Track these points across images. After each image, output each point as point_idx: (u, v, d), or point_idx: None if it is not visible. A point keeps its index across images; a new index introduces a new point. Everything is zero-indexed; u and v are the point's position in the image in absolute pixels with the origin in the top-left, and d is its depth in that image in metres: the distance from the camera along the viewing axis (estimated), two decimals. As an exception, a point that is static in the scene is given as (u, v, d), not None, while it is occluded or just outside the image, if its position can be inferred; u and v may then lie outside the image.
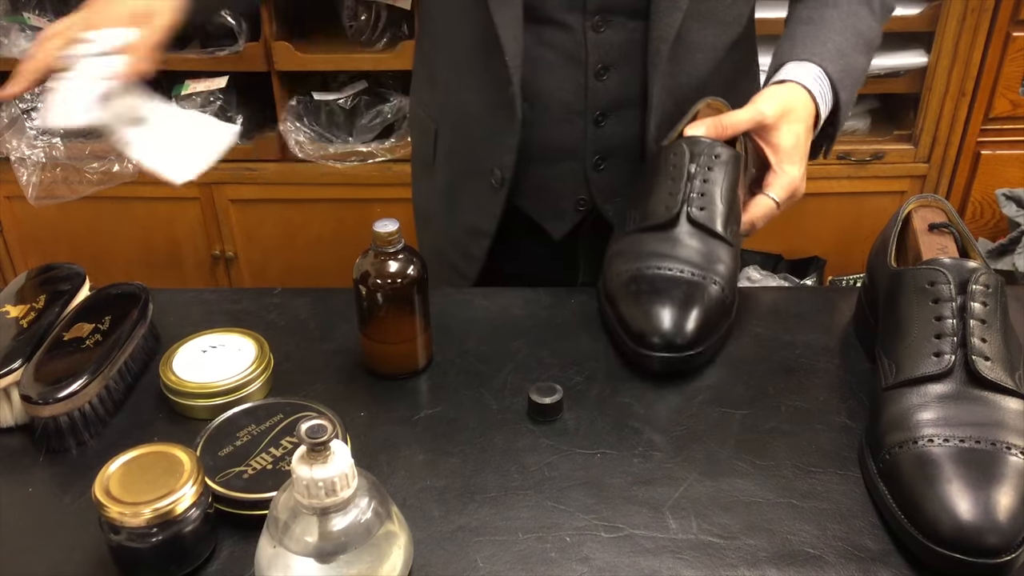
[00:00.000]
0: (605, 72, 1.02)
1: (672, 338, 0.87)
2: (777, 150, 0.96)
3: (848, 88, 1.01)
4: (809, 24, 1.02)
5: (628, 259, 0.94)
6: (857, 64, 1.02)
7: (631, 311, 0.90)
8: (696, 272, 0.90)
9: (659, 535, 0.73)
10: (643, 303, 0.89)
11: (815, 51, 0.99)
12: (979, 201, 2.16)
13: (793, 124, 0.96)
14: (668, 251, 0.92)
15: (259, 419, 0.79)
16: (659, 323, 0.87)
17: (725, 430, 0.83)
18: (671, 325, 0.87)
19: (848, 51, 1.00)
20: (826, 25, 1.01)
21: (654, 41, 1.00)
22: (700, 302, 0.89)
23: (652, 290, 0.90)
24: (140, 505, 0.66)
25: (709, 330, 0.89)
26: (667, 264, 0.91)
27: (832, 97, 1.00)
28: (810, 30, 1.01)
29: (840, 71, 0.99)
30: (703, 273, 0.90)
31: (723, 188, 0.93)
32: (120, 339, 0.86)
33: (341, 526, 0.61)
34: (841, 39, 1.00)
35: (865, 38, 1.03)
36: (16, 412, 0.84)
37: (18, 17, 1.99)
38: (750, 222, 0.96)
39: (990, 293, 0.77)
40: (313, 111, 2.09)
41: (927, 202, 0.94)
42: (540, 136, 1.05)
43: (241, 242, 2.22)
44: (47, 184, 2.10)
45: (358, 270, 0.86)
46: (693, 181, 0.93)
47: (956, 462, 0.70)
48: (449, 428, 0.84)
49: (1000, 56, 1.98)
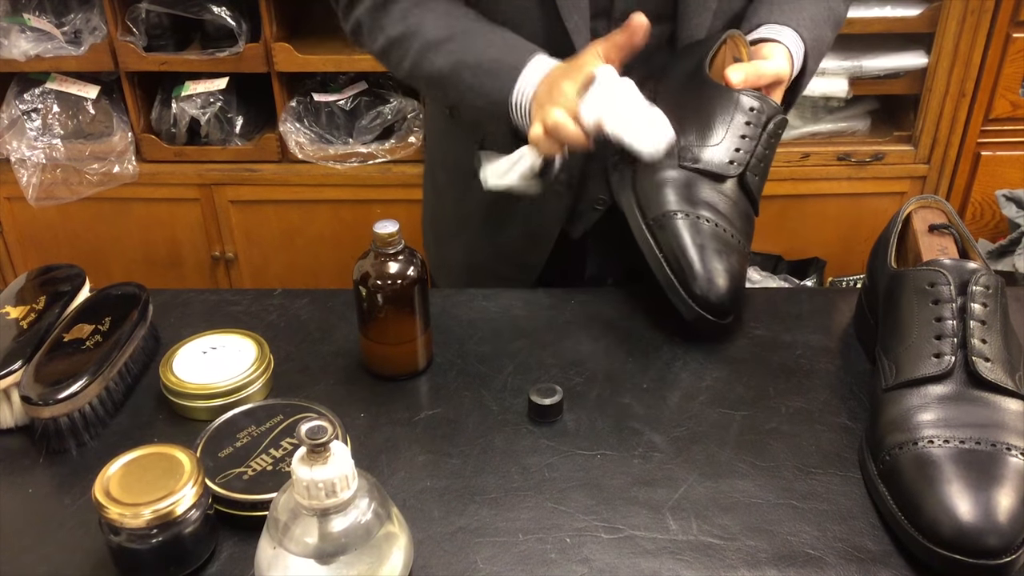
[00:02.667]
0: (627, 73, 1.02)
1: (707, 295, 0.89)
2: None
3: (815, 58, 1.02)
4: None
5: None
6: (825, 37, 1.03)
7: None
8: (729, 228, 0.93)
9: (659, 536, 0.73)
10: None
11: (792, 17, 1.00)
12: (979, 202, 2.16)
13: (784, 87, 0.99)
14: (725, 209, 0.94)
15: (259, 420, 0.79)
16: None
17: (725, 431, 0.83)
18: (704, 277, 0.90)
19: (820, 22, 1.02)
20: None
21: (682, 42, 1.01)
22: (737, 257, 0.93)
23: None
24: (140, 506, 0.66)
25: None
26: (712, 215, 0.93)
27: (801, 63, 1.01)
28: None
29: (813, 40, 1.00)
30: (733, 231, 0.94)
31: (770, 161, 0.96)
32: (120, 340, 0.86)
33: (341, 527, 0.61)
34: (815, 9, 1.02)
35: (834, 14, 1.05)
36: (16, 413, 0.84)
37: (18, 18, 1.99)
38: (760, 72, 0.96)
39: (990, 294, 0.77)
40: (313, 112, 2.09)
41: (927, 203, 0.94)
42: None
43: (241, 243, 2.22)
44: (47, 185, 2.10)
45: (358, 271, 0.86)
46: (758, 146, 0.95)
47: (956, 463, 0.70)
48: (449, 429, 0.84)
49: (1000, 57, 1.97)
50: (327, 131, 2.10)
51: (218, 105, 2.06)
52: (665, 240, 0.92)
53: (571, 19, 0.97)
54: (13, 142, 2.07)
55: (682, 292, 0.90)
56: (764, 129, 0.94)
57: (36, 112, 2.08)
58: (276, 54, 1.99)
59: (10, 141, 2.07)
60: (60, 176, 2.09)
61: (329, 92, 2.09)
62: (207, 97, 2.05)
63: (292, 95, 2.09)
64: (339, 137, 2.10)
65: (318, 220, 2.19)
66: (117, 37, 1.98)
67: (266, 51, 1.99)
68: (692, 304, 0.90)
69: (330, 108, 2.08)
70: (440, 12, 1.00)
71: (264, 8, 1.95)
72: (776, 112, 0.95)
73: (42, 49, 2.00)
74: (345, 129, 2.10)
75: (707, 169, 0.93)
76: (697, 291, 0.89)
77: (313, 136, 2.09)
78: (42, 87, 2.07)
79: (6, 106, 2.08)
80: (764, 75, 0.95)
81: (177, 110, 2.06)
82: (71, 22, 2.02)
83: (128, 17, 1.98)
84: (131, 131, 2.09)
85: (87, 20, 2.01)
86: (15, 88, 2.09)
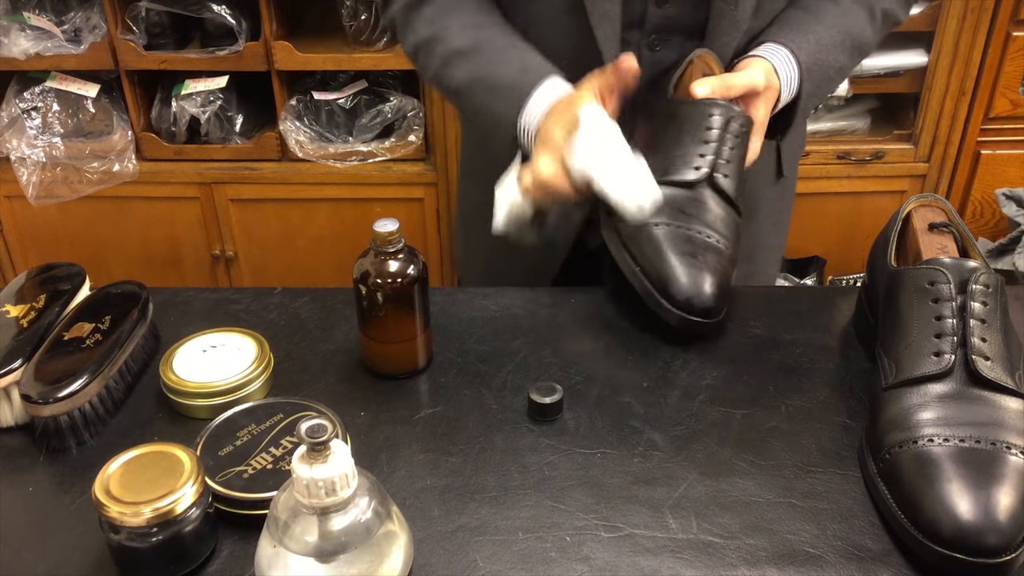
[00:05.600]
0: (650, 84, 1.02)
1: (692, 299, 0.90)
2: (755, 121, 0.97)
3: (815, 80, 1.01)
4: (804, 11, 1.03)
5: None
6: (834, 61, 1.02)
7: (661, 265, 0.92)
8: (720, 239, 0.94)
9: (659, 535, 0.73)
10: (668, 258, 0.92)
11: (793, 38, 1.00)
12: (979, 200, 2.16)
13: (767, 99, 0.97)
14: (695, 213, 0.94)
15: (259, 419, 0.79)
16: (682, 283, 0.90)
17: (725, 430, 0.83)
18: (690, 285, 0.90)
19: (828, 46, 1.01)
20: (818, 17, 1.02)
21: None
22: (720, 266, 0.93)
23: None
24: (140, 505, 0.66)
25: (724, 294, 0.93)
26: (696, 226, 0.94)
27: (797, 84, 1.00)
28: (800, 17, 1.02)
29: (812, 62, 1.00)
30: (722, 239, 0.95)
31: (741, 160, 0.96)
32: (120, 339, 0.86)
33: (341, 526, 0.61)
34: (826, 34, 1.01)
35: (854, 40, 1.03)
36: (16, 412, 0.84)
37: (18, 17, 1.99)
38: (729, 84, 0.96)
39: (990, 293, 0.77)
40: (313, 111, 2.09)
41: (927, 202, 0.94)
42: None
43: (241, 242, 2.22)
44: (47, 184, 2.10)
45: (358, 270, 0.86)
46: (722, 147, 0.95)
47: (956, 462, 0.70)
48: (449, 428, 0.84)
49: (1000, 56, 1.98)
50: (327, 130, 2.10)
51: (218, 103, 2.06)
52: (639, 251, 0.93)
53: (601, 28, 0.96)
54: (13, 140, 2.07)
55: (660, 299, 0.91)
56: (726, 131, 0.94)
57: (36, 111, 2.08)
58: (276, 52, 1.99)
59: (10, 140, 2.07)
60: (60, 175, 2.10)
61: (329, 90, 2.09)
62: (207, 95, 2.05)
63: (292, 93, 2.09)
64: (339, 136, 2.10)
65: (318, 219, 2.19)
66: (117, 35, 1.98)
67: (266, 49, 1.99)
68: (672, 309, 0.90)
69: (330, 106, 2.08)
70: (467, 19, 0.99)
71: (264, 6, 1.95)
72: (736, 113, 0.95)
73: (42, 47, 2.00)
74: (345, 128, 2.10)
75: (672, 179, 0.94)
76: (677, 296, 0.90)
77: (313, 135, 2.09)
78: (42, 86, 2.07)
79: (6, 104, 2.08)
80: (733, 86, 0.95)
81: (177, 108, 2.06)
82: (71, 20, 2.02)
83: (128, 15, 1.98)
84: (131, 129, 2.09)
85: (87, 18, 2.01)
86: (15, 87, 2.09)
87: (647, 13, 0.98)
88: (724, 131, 0.94)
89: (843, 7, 1.02)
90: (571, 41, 0.99)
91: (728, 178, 0.95)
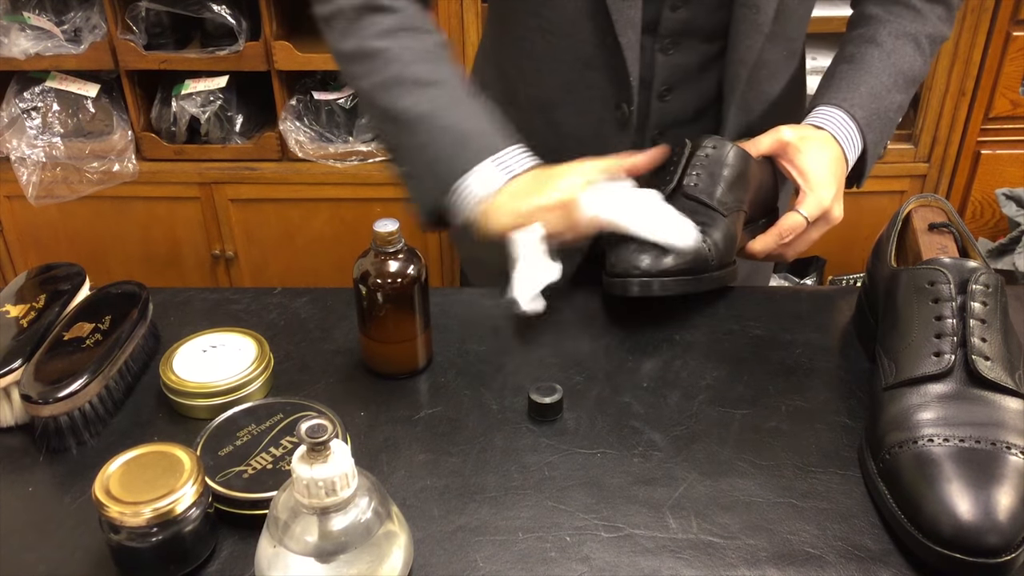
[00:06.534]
0: (668, 93, 1.03)
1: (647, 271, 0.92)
2: (804, 173, 0.97)
3: (876, 130, 1.02)
4: (850, 63, 1.04)
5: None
6: (891, 104, 1.03)
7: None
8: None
9: (659, 535, 0.73)
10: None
11: (845, 96, 1.01)
12: (979, 201, 2.16)
13: (818, 151, 0.98)
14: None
15: (259, 419, 0.79)
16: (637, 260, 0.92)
17: (725, 430, 0.83)
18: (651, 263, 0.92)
19: (882, 92, 1.02)
20: (864, 65, 1.03)
21: (733, 64, 1.01)
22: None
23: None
24: (140, 505, 0.66)
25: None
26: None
27: (861, 140, 1.02)
28: (846, 71, 1.03)
29: (869, 115, 1.01)
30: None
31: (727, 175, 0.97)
32: (120, 339, 0.86)
33: (341, 526, 0.61)
34: (876, 81, 1.02)
35: (906, 76, 1.04)
36: (16, 412, 0.84)
37: (18, 16, 1.99)
38: (778, 233, 0.98)
39: (990, 293, 0.77)
40: (313, 110, 2.09)
41: (927, 202, 0.94)
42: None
43: (241, 242, 2.22)
44: (47, 184, 2.10)
45: (358, 269, 0.86)
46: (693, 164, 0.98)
47: (956, 462, 0.70)
48: (449, 428, 0.84)
49: (1000, 56, 1.97)
50: (327, 129, 2.10)
51: (218, 103, 2.06)
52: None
53: (625, 35, 0.96)
54: (13, 140, 2.07)
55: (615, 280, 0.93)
56: (687, 158, 0.97)
57: (36, 110, 2.08)
58: (276, 52, 1.98)
59: (10, 139, 2.07)
60: (60, 175, 2.09)
61: (329, 90, 2.09)
62: (207, 95, 2.05)
63: (292, 93, 2.09)
64: (339, 135, 2.10)
65: (318, 219, 2.18)
66: (117, 35, 1.98)
67: (266, 49, 1.99)
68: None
69: (330, 106, 2.08)
70: (427, 51, 0.97)
71: (264, 6, 1.95)
72: (698, 142, 0.97)
73: (42, 47, 1.99)
74: (345, 127, 2.10)
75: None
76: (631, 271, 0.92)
77: (313, 134, 2.09)
78: (42, 85, 2.07)
79: (6, 104, 2.08)
80: (782, 232, 0.98)
81: (177, 108, 2.06)
82: (71, 20, 2.02)
83: (128, 15, 1.98)
84: (131, 129, 2.09)
85: (87, 18, 2.01)
86: (15, 86, 2.09)
87: (661, 17, 0.98)
88: (686, 159, 0.97)
89: (887, 48, 1.03)
90: (592, 49, 0.99)
91: (699, 185, 0.96)
